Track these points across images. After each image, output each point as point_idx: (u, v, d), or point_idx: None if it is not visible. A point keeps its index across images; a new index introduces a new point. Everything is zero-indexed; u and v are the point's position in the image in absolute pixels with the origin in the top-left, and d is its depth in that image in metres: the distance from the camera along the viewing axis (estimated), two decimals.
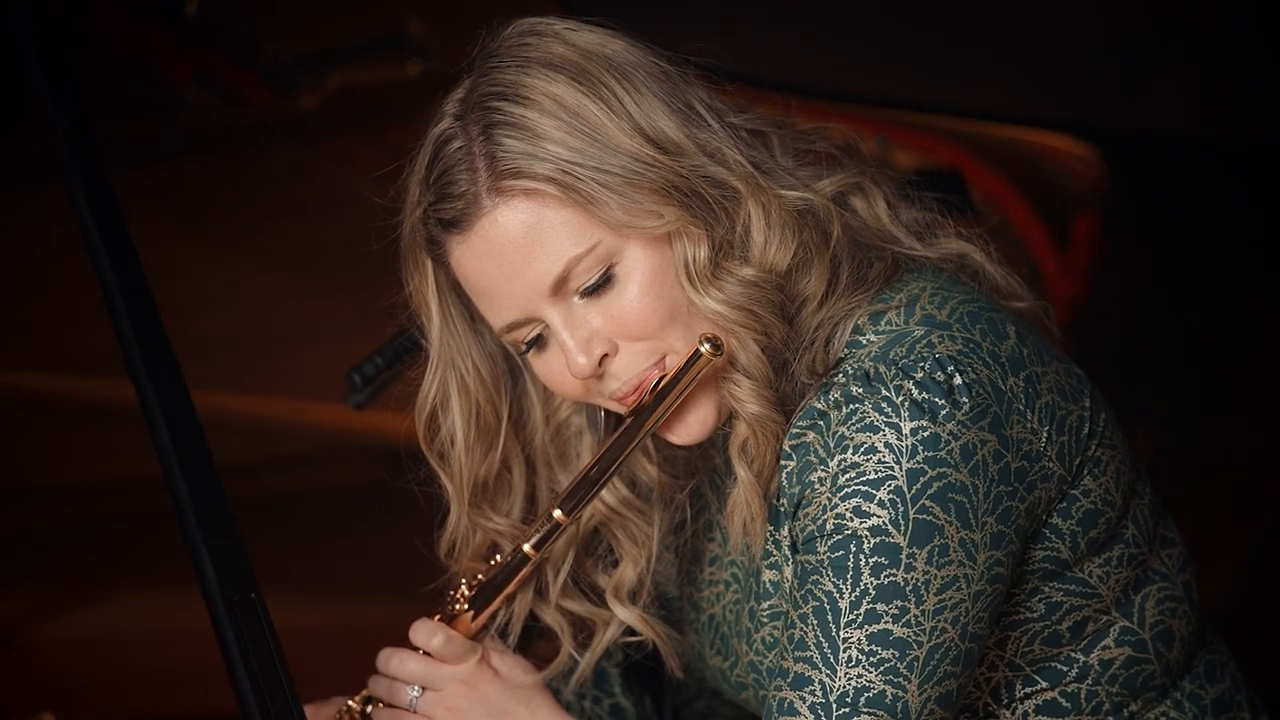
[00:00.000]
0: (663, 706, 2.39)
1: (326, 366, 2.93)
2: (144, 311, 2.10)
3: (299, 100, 3.76)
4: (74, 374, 3.87)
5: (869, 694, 1.93)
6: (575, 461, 2.16)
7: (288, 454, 4.13)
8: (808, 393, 2.02)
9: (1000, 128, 3.59)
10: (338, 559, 4.20)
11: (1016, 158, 3.61)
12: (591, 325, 2.01)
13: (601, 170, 1.96)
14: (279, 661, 2.00)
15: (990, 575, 1.96)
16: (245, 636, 1.98)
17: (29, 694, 4.24)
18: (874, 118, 3.51)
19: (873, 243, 2.08)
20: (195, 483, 2.03)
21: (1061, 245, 3.62)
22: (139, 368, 2.07)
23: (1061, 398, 2.03)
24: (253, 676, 1.97)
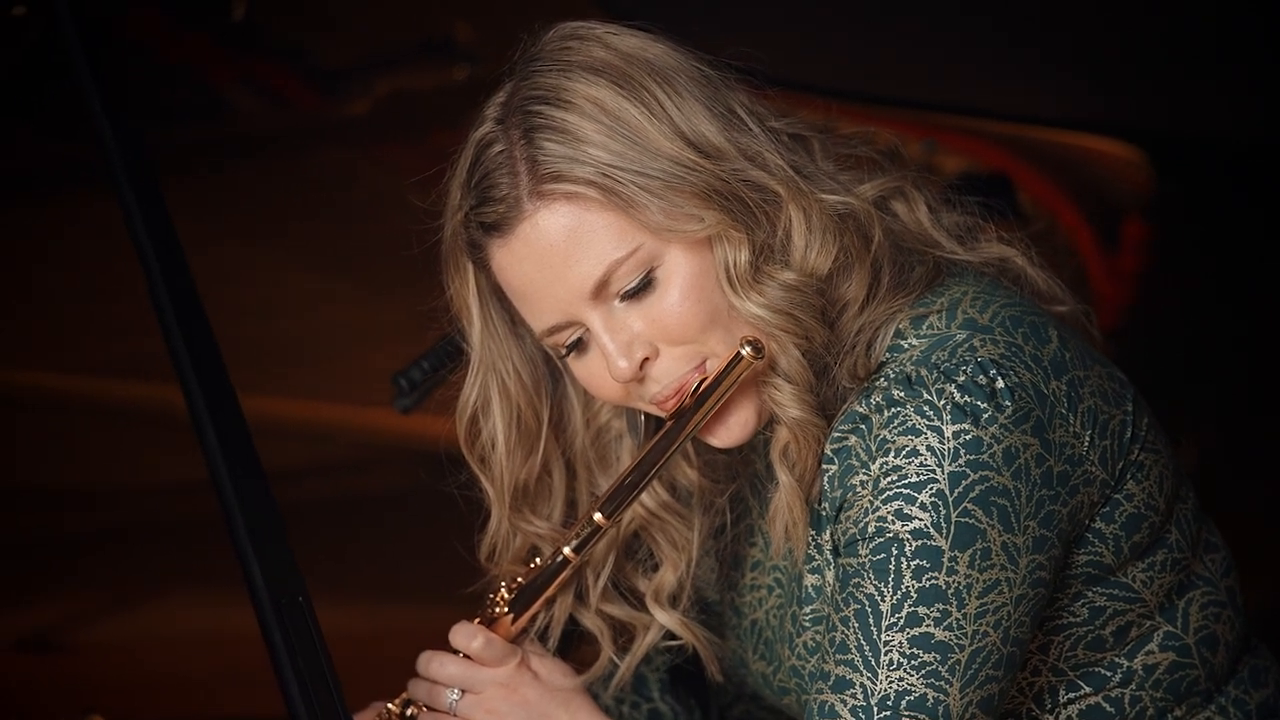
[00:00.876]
0: (709, 712, 2.39)
1: (373, 370, 2.94)
2: (192, 316, 2.12)
3: (346, 105, 3.77)
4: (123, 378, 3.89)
5: (910, 697, 1.93)
6: (615, 465, 2.16)
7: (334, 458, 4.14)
8: (849, 397, 2.02)
9: (1048, 131, 3.58)
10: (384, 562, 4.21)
11: (1064, 161, 3.60)
12: (632, 329, 2.01)
13: (642, 174, 1.96)
14: (327, 665, 2.00)
15: (1032, 579, 1.96)
16: (293, 639, 1.99)
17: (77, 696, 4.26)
18: (920, 122, 3.50)
19: (914, 247, 2.08)
20: (243, 486, 2.04)
21: (1110, 249, 3.61)
22: (187, 372, 2.08)
23: (1104, 401, 2.03)
24: (300, 679, 1.98)
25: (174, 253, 2.15)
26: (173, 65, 3.67)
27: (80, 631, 4.33)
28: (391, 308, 3.36)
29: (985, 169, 3.52)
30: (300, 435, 4.01)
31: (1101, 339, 2.19)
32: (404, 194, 2.11)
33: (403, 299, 2.23)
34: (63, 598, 4.29)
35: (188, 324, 2.11)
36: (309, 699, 1.98)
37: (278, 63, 3.74)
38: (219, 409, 2.07)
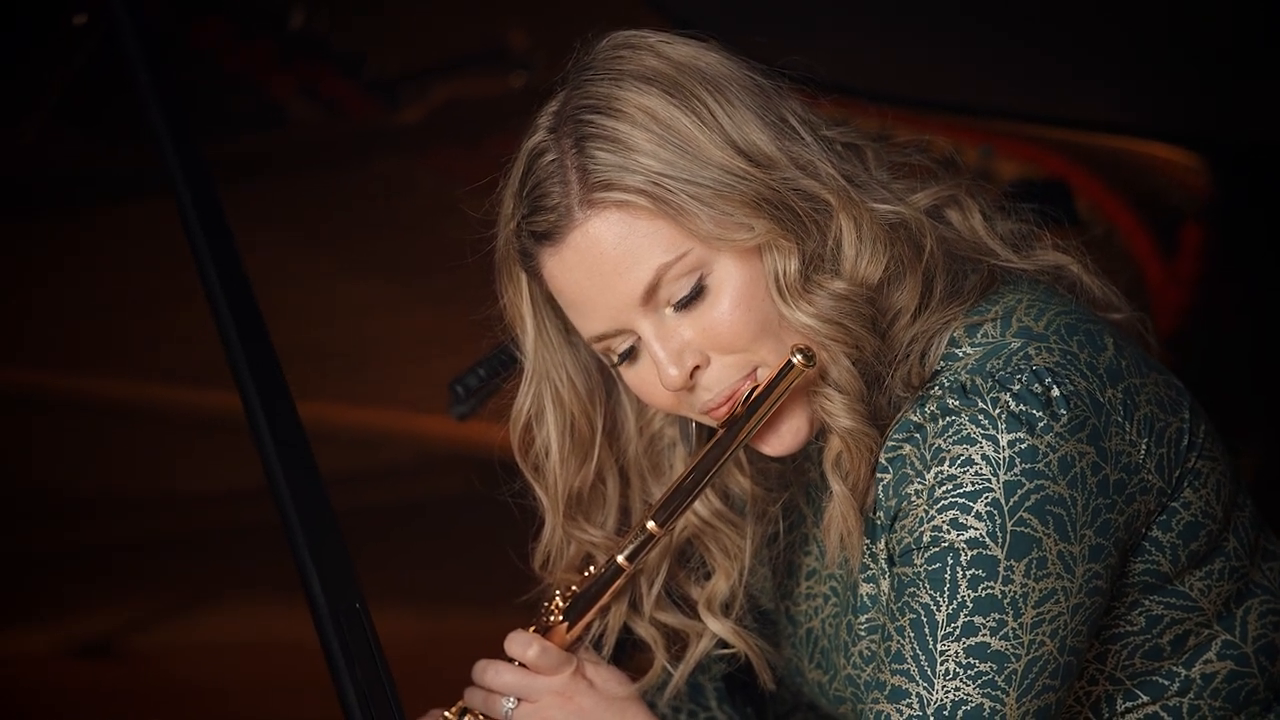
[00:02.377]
0: (764, 718, 2.38)
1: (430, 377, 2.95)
2: (250, 322, 2.12)
3: (403, 113, 3.78)
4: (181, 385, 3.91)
5: (966, 707, 1.92)
6: (669, 473, 2.16)
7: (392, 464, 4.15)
8: (903, 406, 2.01)
9: (1107, 138, 3.57)
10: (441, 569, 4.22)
11: (1122, 167, 3.58)
12: (683, 337, 2.01)
13: (692, 182, 1.97)
14: (384, 671, 2.01)
15: (1089, 588, 1.95)
16: (350, 646, 2.00)
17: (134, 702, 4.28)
18: (979, 128, 3.49)
19: (968, 255, 2.07)
20: (300, 493, 2.04)
21: (1168, 255, 3.59)
22: (245, 378, 2.09)
23: (1160, 409, 2.02)
24: (358, 687, 1.99)
25: (232, 260, 2.16)
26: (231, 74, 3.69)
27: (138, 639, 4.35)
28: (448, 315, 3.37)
29: (1043, 175, 3.50)
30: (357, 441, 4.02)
31: (1158, 346, 2.17)
32: (461, 201, 2.11)
33: (460, 306, 2.23)
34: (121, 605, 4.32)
35: (245, 330, 2.11)
36: (367, 708, 1.98)
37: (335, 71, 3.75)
38: (276, 415, 2.08)
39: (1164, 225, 3.59)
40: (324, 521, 2.04)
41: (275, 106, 3.72)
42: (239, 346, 2.10)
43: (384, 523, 4.08)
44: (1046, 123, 3.52)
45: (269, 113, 3.73)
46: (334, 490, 2.09)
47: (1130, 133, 3.57)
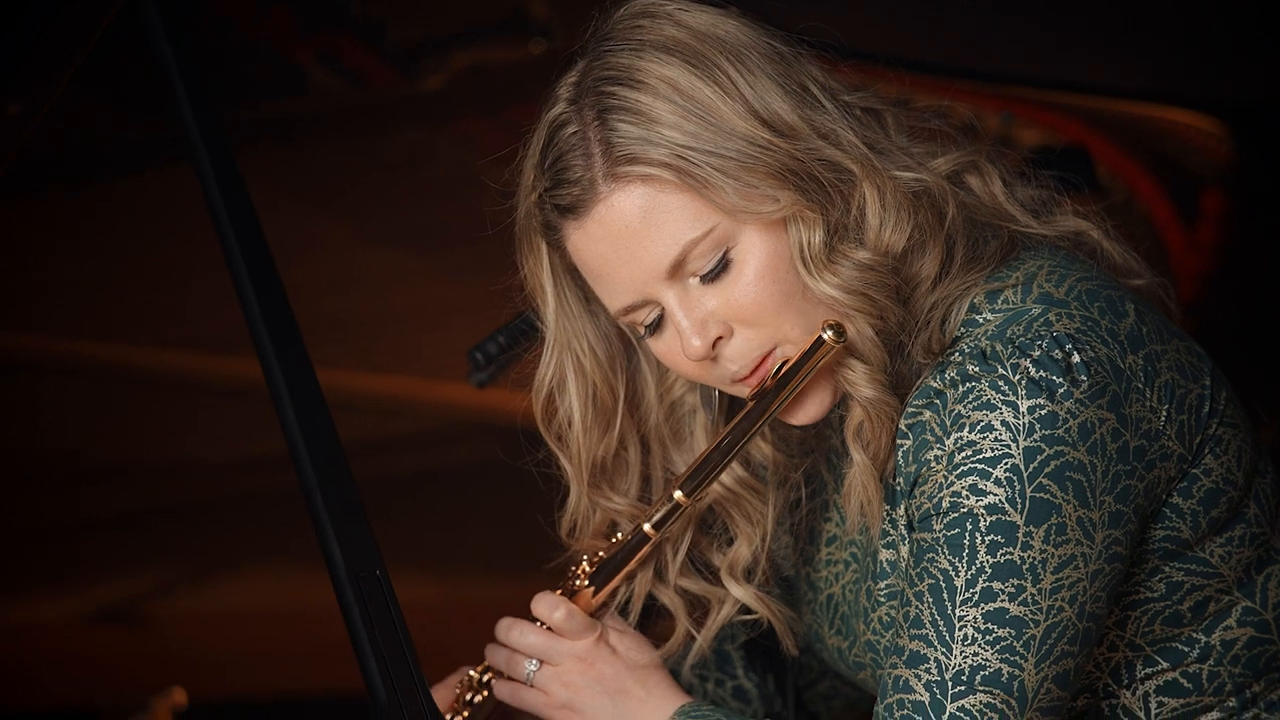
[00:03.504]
0: (785, 687, 2.39)
1: (449, 345, 2.95)
2: (270, 292, 2.12)
3: (423, 81, 3.78)
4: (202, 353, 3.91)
5: (985, 672, 1.92)
6: (689, 440, 2.16)
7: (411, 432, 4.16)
8: (923, 372, 2.01)
9: (1127, 103, 3.56)
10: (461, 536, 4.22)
11: (1143, 133, 3.57)
12: (707, 307, 2.01)
13: (716, 154, 1.96)
14: (404, 638, 2.01)
15: (1109, 554, 1.95)
16: (371, 613, 2.00)
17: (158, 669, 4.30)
18: (999, 94, 3.48)
19: (988, 221, 2.07)
20: (321, 460, 2.04)
21: (1189, 221, 3.58)
22: (265, 347, 2.09)
23: (1181, 376, 2.02)
24: (378, 653, 1.99)
25: (252, 228, 2.16)
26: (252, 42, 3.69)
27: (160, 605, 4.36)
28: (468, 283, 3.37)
29: (1063, 141, 3.50)
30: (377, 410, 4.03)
31: (1179, 312, 2.17)
32: (478, 176, 2.11)
33: (479, 275, 2.24)
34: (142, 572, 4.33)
35: (266, 299, 2.11)
36: (387, 674, 1.99)
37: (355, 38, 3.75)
38: (297, 383, 2.08)
39: (1185, 191, 3.58)
40: (344, 489, 2.04)
41: (295, 75, 3.72)
42: (259, 315, 2.10)
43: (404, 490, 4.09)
44: (1066, 89, 3.51)
45: (289, 81, 3.73)
46: (354, 458, 2.09)
47: (1150, 98, 3.56)
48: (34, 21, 2.55)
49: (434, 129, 3.80)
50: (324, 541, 2.02)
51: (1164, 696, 2.05)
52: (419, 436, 4.18)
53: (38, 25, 2.56)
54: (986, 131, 3.31)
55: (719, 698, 2.38)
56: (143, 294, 3.85)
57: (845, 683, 2.37)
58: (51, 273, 3.79)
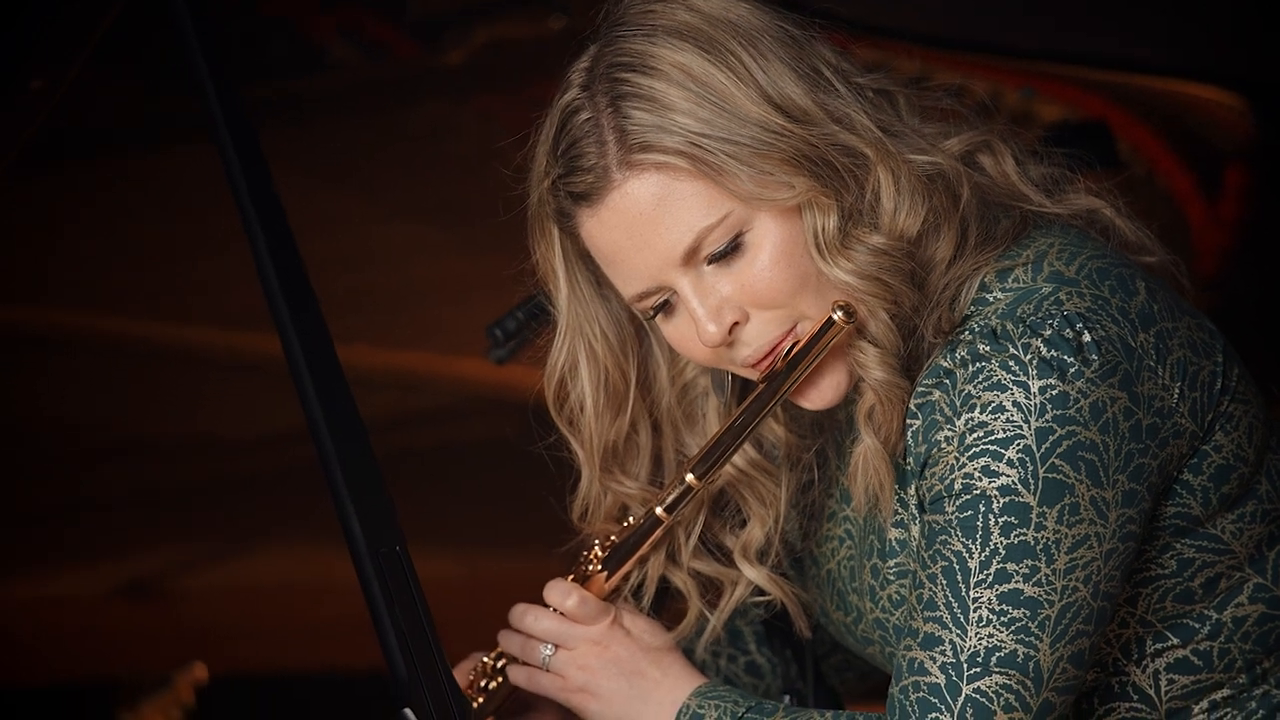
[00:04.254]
0: (804, 663, 2.39)
1: (469, 321, 2.95)
2: (290, 266, 2.13)
3: (443, 55, 3.78)
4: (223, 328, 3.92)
5: (1000, 653, 1.92)
6: (701, 422, 2.16)
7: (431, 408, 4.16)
8: (933, 351, 2.01)
9: (1148, 79, 3.55)
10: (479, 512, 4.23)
11: (1164, 108, 3.56)
12: (721, 293, 2.01)
13: (730, 141, 1.96)
14: (424, 615, 2.01)
15: (1122, 533, 1.95)
16: (391, 589, 2.00)
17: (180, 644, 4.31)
18: (1019, 70, 3.47)
19: (1001, 200, 2.06)
20: (341, 436, 2.05)
21: (1210, 196, 3.57)
22: (285, 322, 2.09)
23: (1193, 353, 2.01)
24: (398, 628, 1.99)
25: (272, 203, 2.16)
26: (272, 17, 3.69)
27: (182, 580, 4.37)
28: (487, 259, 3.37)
29: (1083, 117, 3.49)
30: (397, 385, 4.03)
31: (1193, 289, 2.17)
32: (498, 152, 2.11)
33: (499, 250, 2.24)
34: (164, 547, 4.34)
35: (286, 274, 2.12)
36: (407, 649, 2.00)
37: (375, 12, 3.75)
38: (317, 358, 2.08)
39: (1206, 166, 3.57)
40: (364, 464, 2.04)
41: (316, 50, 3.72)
42: (279, 290, 2.11)
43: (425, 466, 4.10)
44: (1087, 63, 3.50)
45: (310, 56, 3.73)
46: (375, 434, 2.09)
47: (1172, 73, 3.55)
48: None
49: (455, 104, 3.80)
50: (344, 517, 2.02)
51: (1174, 674, 2.05)
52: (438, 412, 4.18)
53: (59, 2, 2.57)
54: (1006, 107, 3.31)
55: (732, 674, 2.39)
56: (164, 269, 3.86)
57: (857, 655, 2.38)
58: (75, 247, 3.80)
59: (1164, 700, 2.06)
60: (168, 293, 3.89)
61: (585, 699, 2.12)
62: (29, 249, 3.75)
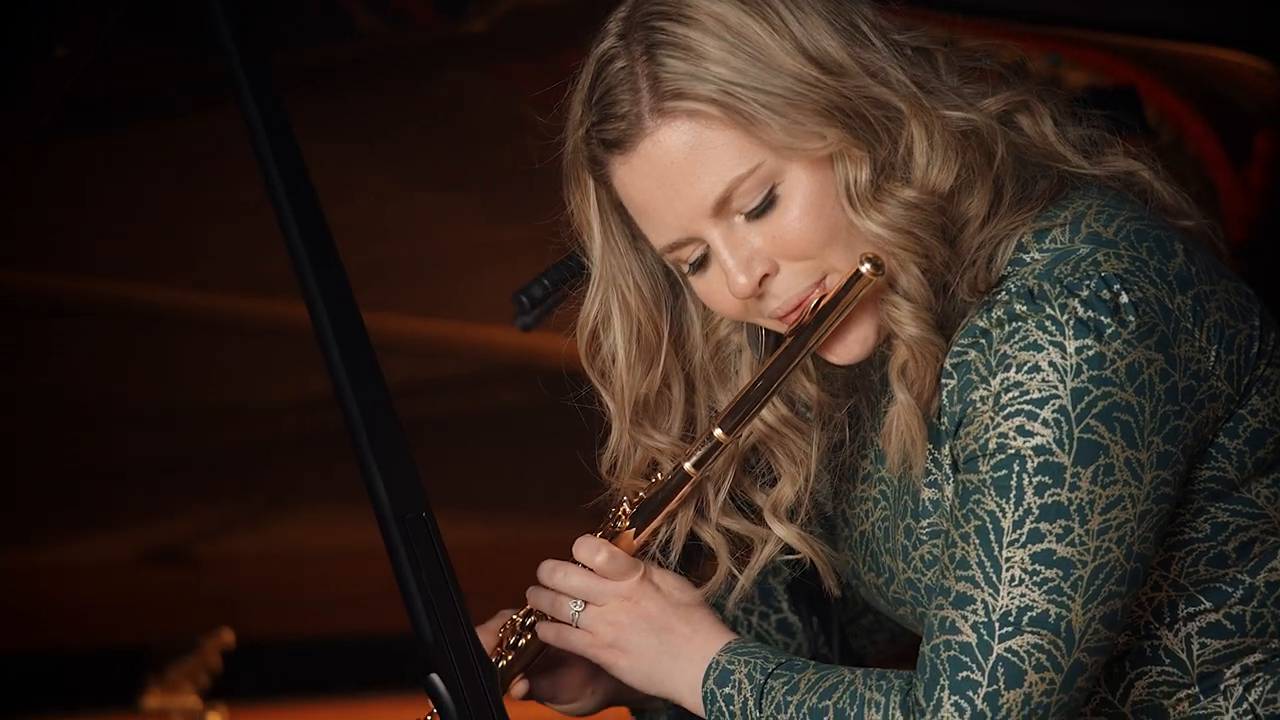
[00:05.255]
0: (829, 626, 2.39)
1: (495, 288, 2.95)
2: (316, 234, 2.13)
3: (468, 23, 3.77)
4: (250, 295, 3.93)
5: (1032, 613, 1.92)
6: (734, 379, 2.16)
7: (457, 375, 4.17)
8: (969, 311, 2.01)
9: (1176, 44, 3.54)
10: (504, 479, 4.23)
11: (1192, 74, 3.55)
12: (752, 245, 2.01)
13: (764, 91, 1.96)
14: (450, 581, 2.02)
15: (1156, 495, 1.95)
16: (416, 554, 2.01)
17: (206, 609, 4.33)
18: (1046, 35, 3.46)
19: (1038, 161, 2.06)
20: (367, 403, 2.05)
21: (1239, 163, 3.56)
22: (312, 289, 2.10)
23: (1230, 316, 2.01)
24: (424, 594, 2.00)
25: (299, 171, 2.16)
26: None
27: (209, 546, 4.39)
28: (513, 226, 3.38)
29: (1112, 82, 3.48)
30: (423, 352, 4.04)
31: (1229, 253, 2.16)
32: (526, 109, 2.11)
33: (524, 217, 2.24)
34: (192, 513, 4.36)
35: (312, 242, 2.12)
36: (433, 614, 2.00)
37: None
38: (343, 326, 2.08)
39: (1235, 132, 3.56)
40: (390, 431, 2.05)
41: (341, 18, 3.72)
42: (306, 257, 2.11)
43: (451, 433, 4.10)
44: (1115, 29, 3.49)
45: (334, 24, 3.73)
46: (400, 400, 2.10)
47: (1200, 38, 3.53)
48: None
49: (479, 72, 3.80)
50: (370, 483, 2.02)
51: (1206, 638, 2.05)
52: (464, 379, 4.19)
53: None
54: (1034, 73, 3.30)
55: (763, 631, 2.39)
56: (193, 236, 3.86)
57: (888, 618, 2.38)
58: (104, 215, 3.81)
59: (1196, 664, 2.06)
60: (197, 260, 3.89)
61: (615, 655, 2.12)
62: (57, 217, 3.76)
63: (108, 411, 4.12)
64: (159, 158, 3.73)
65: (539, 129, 2.09)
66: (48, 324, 3.95)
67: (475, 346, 4.02)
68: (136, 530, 4.31)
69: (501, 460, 4.19)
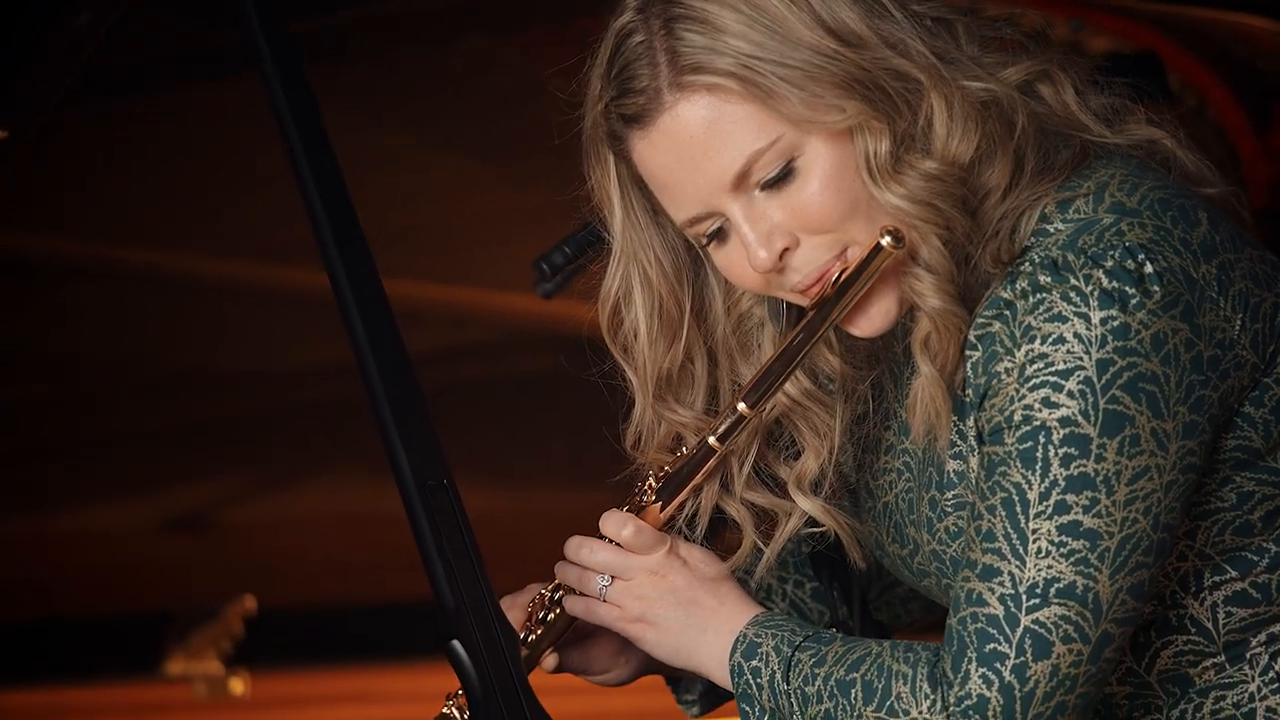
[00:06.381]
0: (850, 597, 2.39)
1: (515, 256, 2.95)
2: (338, 202, 2.13)
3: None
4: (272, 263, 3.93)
5: (1059, 584, 1.92)
6: (757, 353, 2.16)
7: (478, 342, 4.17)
8: (992, 282, 2.00)
9: (1198, 9, 3.52)
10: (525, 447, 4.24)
11: (1214, 40, 3.54)
12: (772, 219, 2.01)
13: (782, 64, 1.95)
14: (472, 548, 2.02)
15: (1183, 465, 1.94)
16: (438, 522, 2.01)
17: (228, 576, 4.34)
18: (1069, 1, 3.45)
19: (1060, 130, 2.05)
20: (388, 370, 2.05)
21: (1262, 129, 3.55)
22: (333, 257, 2.10)
23: (1255, 285, 2.00)
24: (446, 562, 2.00)
25: (319, 139, 2.16)
26: None
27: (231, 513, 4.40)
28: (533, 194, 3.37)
29: (1133, 49, 3.47)
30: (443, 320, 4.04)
31: (1252, 221, 2.15)
32: (545, 78, 2.11)
33: (545, 185, 2.23)
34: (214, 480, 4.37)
35: (334, 210, 2.12)
36: (454, 582, 2.00)
37: None
38: (364, 293, 2.08)
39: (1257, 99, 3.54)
40: (411, 398, 2.05)
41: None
42: (326, 224, 2.11)
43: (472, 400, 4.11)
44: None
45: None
46: (421, 368, 2.10)
47: (1223, 3, 3.52)
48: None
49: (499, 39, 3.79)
50: (391, 450, 2.03)
51: (1232, 606, 2.05)
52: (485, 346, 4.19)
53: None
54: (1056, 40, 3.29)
55: (798, 599, 2.39)
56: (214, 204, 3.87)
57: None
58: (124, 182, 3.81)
59: (1222, 633, 2.06)
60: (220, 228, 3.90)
61: (643, 629, 2.12)
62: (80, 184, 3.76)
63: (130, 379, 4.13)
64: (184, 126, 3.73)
65: (558, 103, 2.09)
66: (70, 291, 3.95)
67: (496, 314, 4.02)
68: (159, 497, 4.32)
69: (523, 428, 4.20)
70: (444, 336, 4.05)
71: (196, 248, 3.92)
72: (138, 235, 3.88)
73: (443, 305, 4.00)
